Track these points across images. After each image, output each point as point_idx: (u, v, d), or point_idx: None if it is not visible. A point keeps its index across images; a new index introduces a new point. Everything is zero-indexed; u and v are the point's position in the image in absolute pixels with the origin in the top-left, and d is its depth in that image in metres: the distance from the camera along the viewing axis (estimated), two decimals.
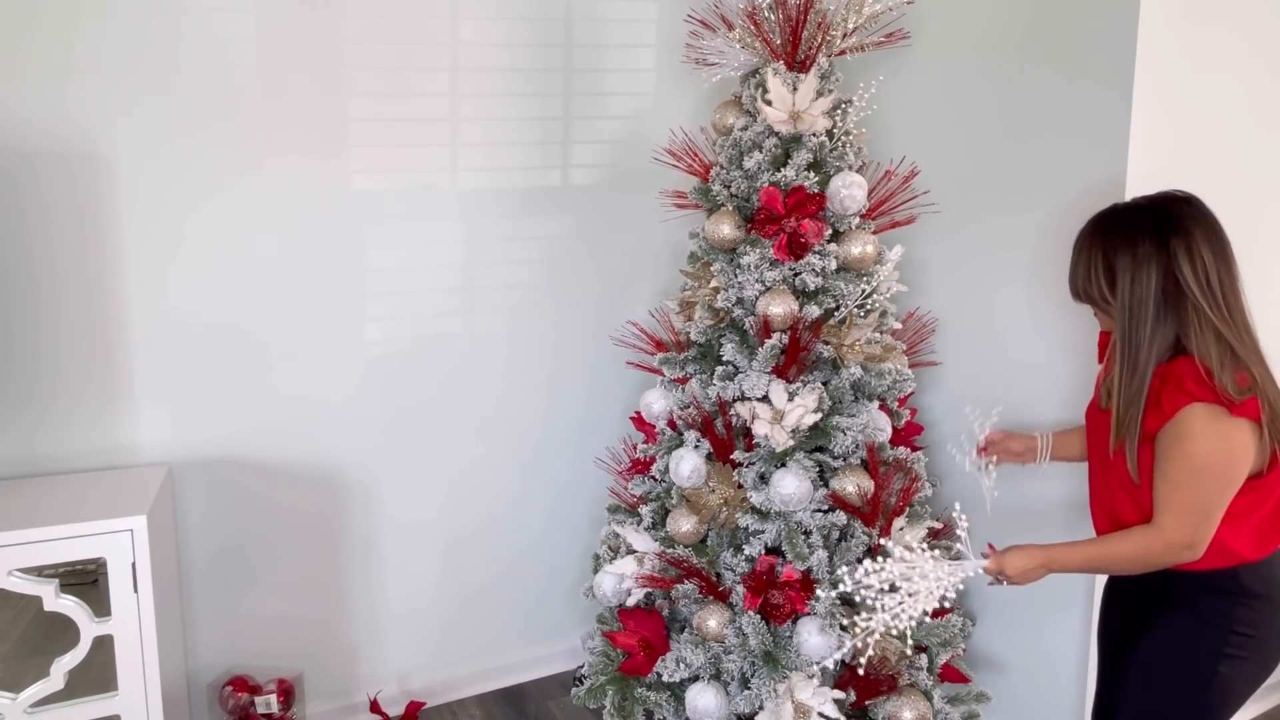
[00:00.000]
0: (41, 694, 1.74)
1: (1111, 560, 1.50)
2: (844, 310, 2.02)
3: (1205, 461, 1.38)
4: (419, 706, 2.51)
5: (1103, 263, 1.47)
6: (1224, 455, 1.38)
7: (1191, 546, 1.42)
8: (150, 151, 2.05)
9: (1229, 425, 1.37)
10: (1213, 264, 1.40)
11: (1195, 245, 1.40)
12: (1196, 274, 1.40)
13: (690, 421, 2.11)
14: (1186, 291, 1.40)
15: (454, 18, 2.32)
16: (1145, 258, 1.42)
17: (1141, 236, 1.43)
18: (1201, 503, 1.40)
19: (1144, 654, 1.57)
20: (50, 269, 2.00)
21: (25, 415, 2.03)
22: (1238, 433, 1.38)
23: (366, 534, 2.44)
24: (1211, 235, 1.42)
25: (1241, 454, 1.39)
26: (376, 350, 2.37)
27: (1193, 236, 1.40)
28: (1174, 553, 1.43)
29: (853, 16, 2.02)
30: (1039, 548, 1.51)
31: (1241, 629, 1.49)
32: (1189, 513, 1.41)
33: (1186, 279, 1.40)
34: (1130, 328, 1.45)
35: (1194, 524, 1.41)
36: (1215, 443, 1.38)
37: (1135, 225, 1.45)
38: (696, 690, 1.97)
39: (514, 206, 2.48)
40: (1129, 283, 1.44)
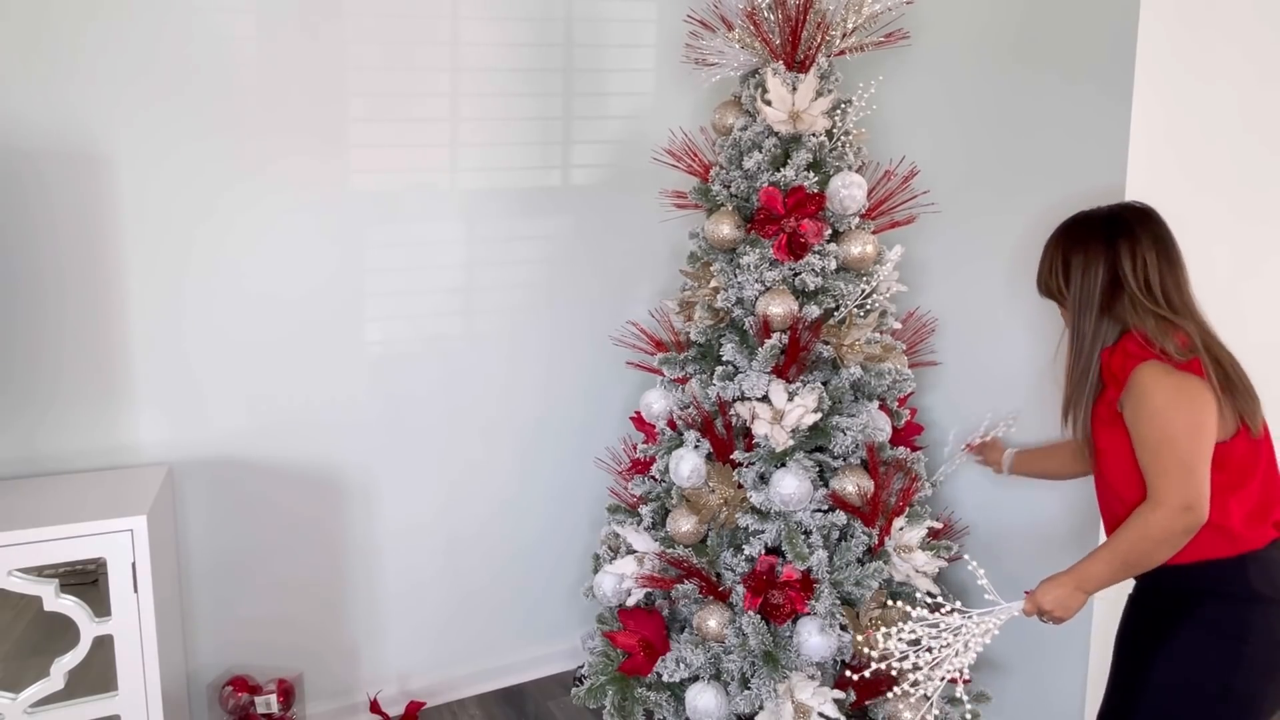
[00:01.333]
0: (41, 694, 1.74)
1: (1128, 552, 1.50)
2: (844, 310, 2.02)
3: (1169, 414, 1.46)
4: (419, 706, 2.51)
5: (1060, 261, 1.63)
6: (1184, 404, 1.46)
7: (1191, 507, 1.44)
8: (151, 152, 2.05)
9: (1179, 377, 1.47)
10: (1154, 264, 1.54)
11: (1139, 247, 1.54)
12: (1135, 271, 1.54)
13: (690, 421, 2.11)
14: (1125, 286, 1.54)
15: (454, 18, 2.32)
16: (1094, 256, 1.57)
17: (1093, 238, 1.59)
18: (1182, 457, 1.44)
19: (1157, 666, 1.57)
20: (52, 269, 2.00)
21: (26, 415, 2.03)
22: (1190, 384, 1.46)
23: (366, 534, 2.44)
24: (1158, 241, 1.55)
25: (1200, 402, 1.46)
26: (377, 350, 2.37)
27: (1137, 239, 1.55)
28: (1176, 516, 1.45)
29: (852, 16, 2.02)
30: (1065, 573, 1.55)
31: (1255, 636, 1.49)
32: (1174, 472, 1.45)
33: (1126, 274, 1.54)
34: (1079, 317, 1.61)
35: (1182, 481, 1.44)
36: (1172, 395, 1.46)
37: (1090, 228, 1.61)
38: (696, 690, 1.97)
39: (514, 206, 2.48)
40: (1080, 278, 1.59)
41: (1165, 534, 1.46)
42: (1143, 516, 1.48)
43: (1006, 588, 2.17)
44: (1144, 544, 1.48)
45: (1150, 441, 1.48)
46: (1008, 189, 2.10)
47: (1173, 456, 1.45)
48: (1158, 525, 1.46)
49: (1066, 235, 1.64)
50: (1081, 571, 1.53)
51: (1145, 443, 1.49)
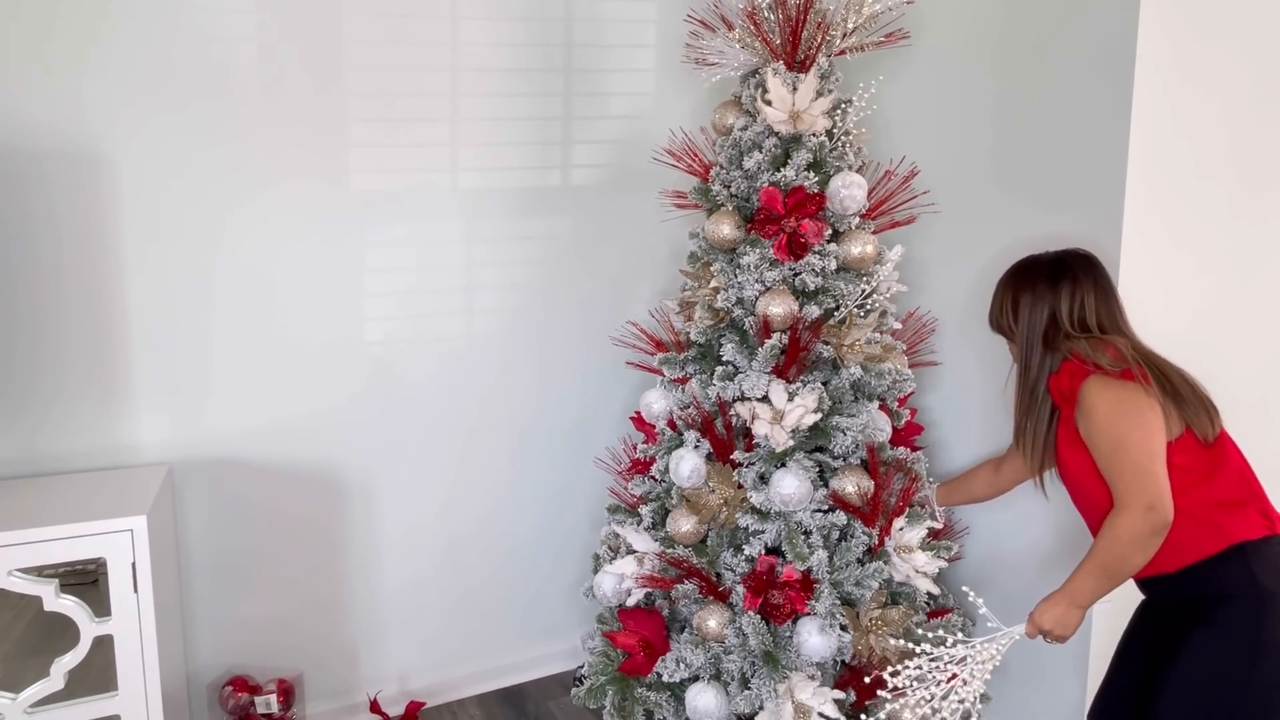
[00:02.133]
0: (41, 694, 1.74)
1: (1106, 561, 1.56)
2: (844, 310, 2.02)
3: (1114, 421, 1.55)
4: (419, 706, 2.51)
5: (1010, 301, 1.75)
6: (1127, 410, 1.54)
7: (1153, 505, 1.50)
8: (152, 152, 2.05)
9: (1119, 385, 1.56)
10: (1091, 304, 1.67)
11: (1078, 289, 1.67)
12: (1073, 312, 1.67)
13: (690, 421, 2.11)
14: (1062, 323, 1.67)
15: (454, 18, 2.32)
16: (1039, 297, 1.70)
17: (1039, 280, 1.71)
18: (1135, 459, 1.52)
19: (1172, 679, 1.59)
20: (52, 268, 2.00)
21: (26, 415, 2.03)
22: (1129, 390, 1.55)
23: (366, 534, 2.44)
24: (1097, 284, 1.68)
25: (1141, 405, 1.54)
26: (377, 350, 2.37)
27: (1078, 282, 1.68)
28: (1141, 517, 1.50)
29: (852, 16, 2.02)
30: (1058, 591, 1.61)
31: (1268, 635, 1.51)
32: (1130, 475, 1.52)
33: (1062, 314, 1.68)
34: (1026, 351, 1.73)
35: (1139, 482, 1.51)
36: (1114, 403, 1.55)
37: (1036, 271, 1.73)
38: (696, 690, 1.97)
39: (514, 206, 2.48)
40: (1027, 315, 1.72)
41: (1133, 536, 1.52)
42: (1110, 523, 1.55)
43: (1007, 586, 2.17)
44: (1117, 548, 1.54)
45: (1104, 450, 1.56)
46: (1008, 189, 2.10)
47: (1126, 460, 1.53)
48: (1125, 529, 1.52)
49: (1015, 277, 1.77)
50: (1071, 587, 1.60)
51: (1100, 452, 1.57)
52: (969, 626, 2.12)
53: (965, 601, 2.29)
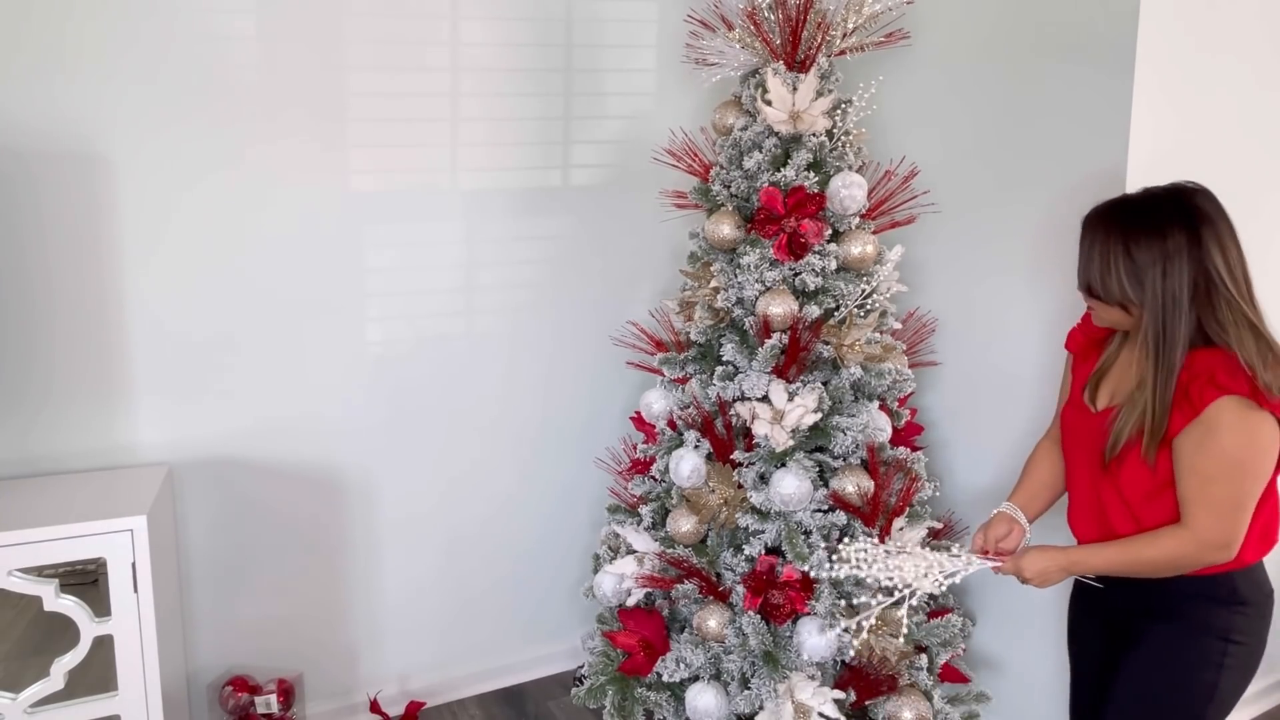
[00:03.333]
0: (41, 694, 1.74)
1: (1141, 564, 1.44)
2: (844, 310, 2.02)
3: (1237, 455, 1.34)
4: (419, 706, 2.51)
5: (1124, 256, 1.39)
6: (1254, 448, 1.35)
7: (1227, 545, 1.37)
8: (149, 151, 2.05)
9: (1259, 418, 1.34)
10: (1237, 257, 1.38)
11: (1224, 237, 1.37)
12: (1230, 265, 1.36)
13: (690, 421, 2.11)
14: (1219, 284, 1.36)
15: (454, 18, 2.32)
16: (1176, 250, 1.36)
17: (1170, 228, 1.37)
18: (1236, 497, 1.36)
19: (1137, 667, 1.53)
20: (50, 269, 2.00)
21: (25, 415, 2.03)
22: (1267, 426, 1.35)
23: (366, 534, 2.44)
24: (1232, 229, 1.40)
25: (1270, 447, 1.36)
26: (377, 350, 2.37)
27: (1219, 228, 1.37)
28: (1209, 552, 1.38)
29: (852, 16, 2.02)
30: (1060, 550, 1.49)
31: (1238, 637, 1.46)
32: (1224, 509, 1.36)
33: (1220, 271, 1.35)
34: (1164, 323, 1.38)
35: (1230, 521, 1.37)
36: (1245, 436, 1.34)
37: (1160, 217, 1.38)
38: (696, 690, 1.97)
39: (514, 206, 2.48)
40: (1160, 276, 1.37)
41: (1189, 563, 1.41)
42: (1176, 539, 1.40)
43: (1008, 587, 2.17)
44: (1164, 564, 1.42)
45: (1206, 473, 1.36)
46: (1008, 189, 2.10)
47: (1226, 494, 1.36)
48: (1188, 555, 1.39)
49: (1127, 226, 1.40)
50: (1079, 557, 1.48)
51: (1198, 471, 1.37)
52: (968, 627, 2.12)
53: (965, 602, 2.29)
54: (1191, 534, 1.39)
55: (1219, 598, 1.46)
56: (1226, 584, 1.46)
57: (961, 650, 2.05)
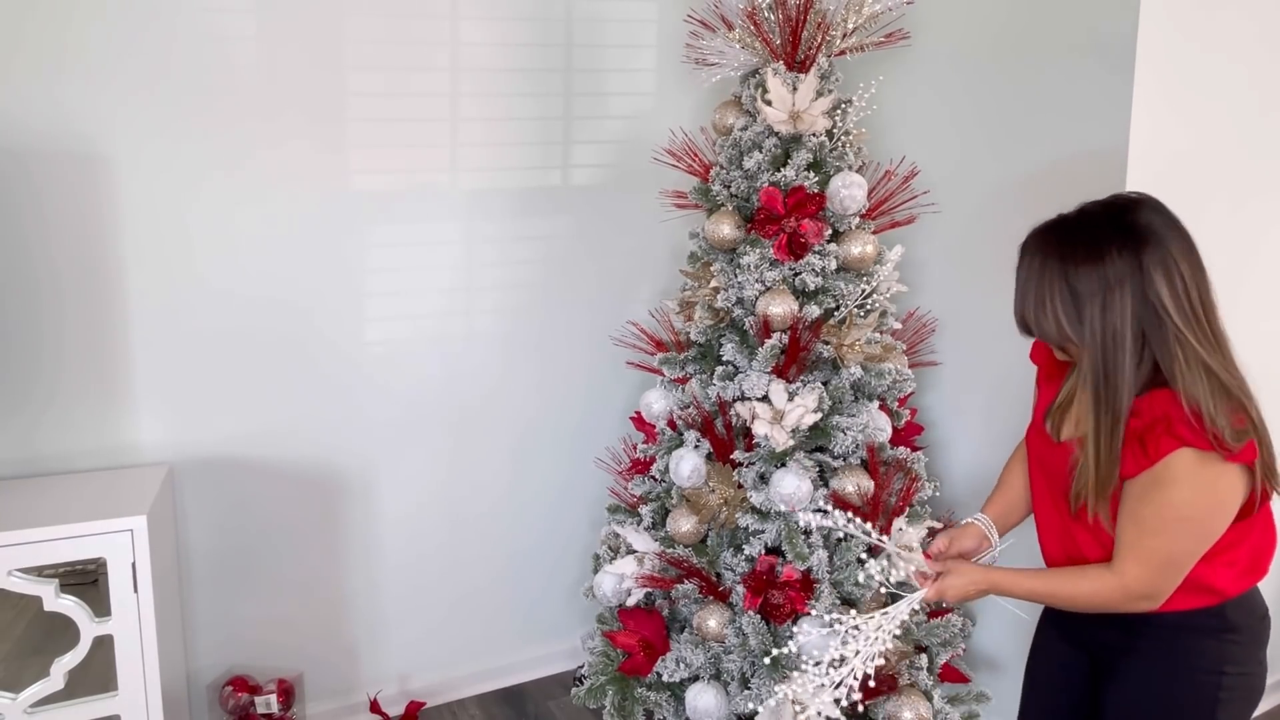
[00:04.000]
0: (41, 694, 1.74)
1: (1064, 598, 1.36)
2: (844, 310, 2.02)
3: (1186, 512, 1.22)
4: (419, 706, 2.51)
5: (1062, 288, 1.24)
6: (1208, 506, 1.22)
7: (1151, 598, 1.28)
8: (150, 152, 2.05)
9: (1218, 472, 1.20)
10: (1192, 280, 1.20)
11: (1171, 260, 1.20)
12: (1177, 295, 1.19)
13: (690, 421, 2.11)
14: (1166, 318, 1.19)
15: (454, 18, 2.32)
16: (1117, 279, 1.20)
17: (1106, 252, 1.21)
18: (1172, 553, 1.25)
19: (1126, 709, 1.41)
20: (50, 269, 2.00)
21: (25, 415, 2.03)
22: (1226, 479, 1.21)
23: (366, 534, 2.44)
24: (1185, 244, 1.22)
25: (1229, 503, 1.23)
26: (377, 350, 2.37)
27: (1167, 248, 1.20)
28: (1131, 602, 1.30)
29: (852, 16, 2.02)
30: (980, 572, 1.40)
31: (1232, 669, 1.36)
32: (1156, 562, 1.26)
33: (1166, 303, 1.19)
34: (1105, 365, 1.23)
35: (1159, 575, 1.26)
36: (1201, 493, 1.21)
37: (1096, 239, 1.22)
38: (696, 690, 1.97)
39: (514, 206, 2.48)
40: (1099, 311, 1.21)
41: (1111, 608, 1.32)
42: (1099, 582, 1.31)
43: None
44: (1083, 604, 1.34)
45: (1147, 524, 1.24)
46: (1008, 189, 2.10)
47: (1164, 549, 1.24)
48: (1110, 600, 1.31)
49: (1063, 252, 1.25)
50: (1000, 580, 1.39)
51: (1141, 520, 1.25)
52: (968, 627, 2.12)
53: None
54: (1118, 580, 1.29)
55: (1207, 629, 1.35)
56: (1215, 615, 1.34)
57: (961, 650, 2.05)
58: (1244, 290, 2.11)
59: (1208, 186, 1.98)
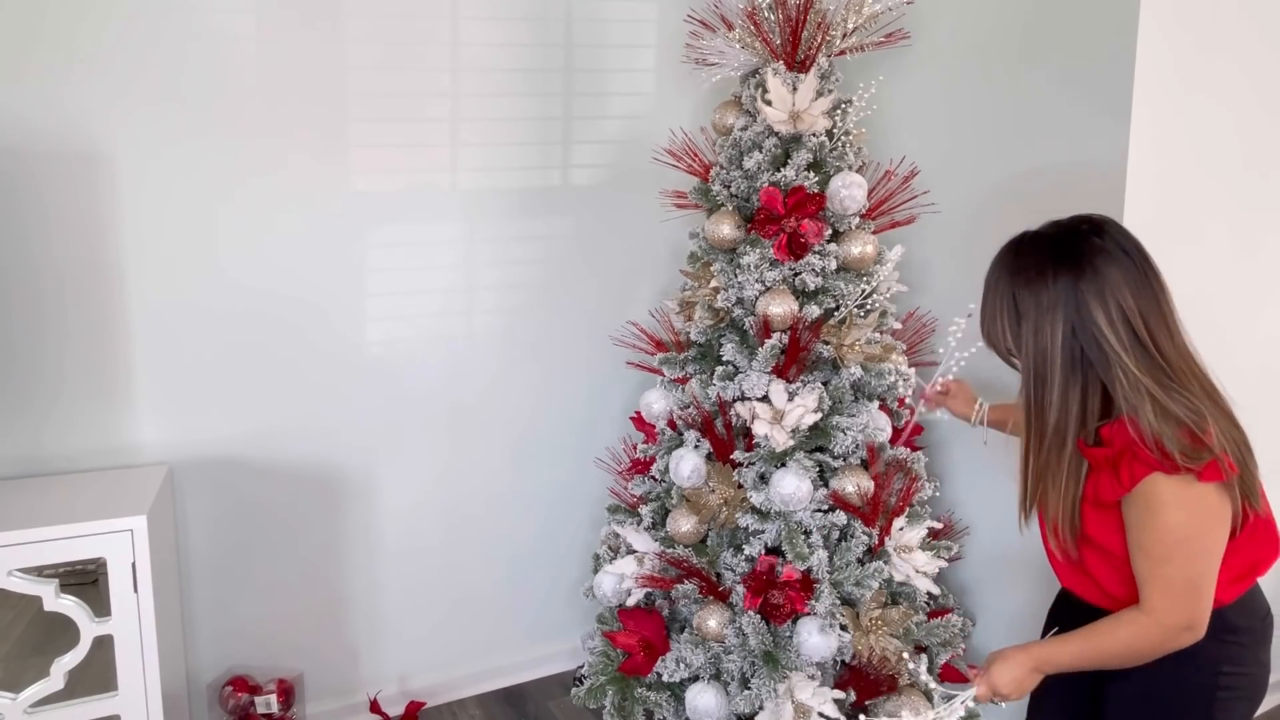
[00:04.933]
0: (41, 694, 1.74)
1: (1108, 656, 1.33)
2: (844, 310, 2.02)
3: (1184, 533, 1.22)
4: (419, 706, 2.51)
5: (1009, 305, 1.27)
6: (1202, 524, 1.23)
7: (1192, 627, 1.27)
8: (151, 152, 2.05)
9: (1199, 492, 1.21)
10: (1134, 306, 1.21)
11: (1108, 288, 1.21)
12: (1113, 323, 1.21)
13: (690, 421, 2.11)
14: (1105, 345, 1.22)
15: (454, 18, 2.32)
16: (1051, 304, 1.23)
17: (1046, 277, 1.23)
18: (1189, 576, 1.24)
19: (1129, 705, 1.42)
20: (51, 269, 2.00)
21: (26, 415, 2.03)
22: (1211, 498, 1.22)
23: (366, 534, 2.44)
24: (1132, 271, 1.23)
25: (1219, 519, 1.24)
26: (377, 350, 2.37)
27: (1104, 278, 1.22)
28: (1174, 636, 1.27)
29: (853, 16, 2.02)
30: (1023, 650, 1.38)
31: (1230, 669, 1.36)
32: (1178, 589, 1.25)
33: (1103, 331, 1.21)
34: (1035, 387, 1.27)
35: (1186, 601, 1.25)
36: (1191, 513, 1.22)
37: (1041, 262, 1.25)
38: (696, 690, 1.97)
39: (514, 207, 2.48)
40: (1032, 333, 1.25)
41: (1157, 650, 1.29)
42: (1135, 626, 1.28)
43: (1007, 588, 2.17)
44: (1131, 656, 1.31)
45: (1156, 552, 1.24)
46: (1008, 188, 2.10)
47: (1181, 575, 1.24)
48: (1152, 642, 1.28)
49: (1014, 270, 1.28)
50: (1044, 655, 1.37)
51: (1150, 552, 1.25)
52: (968, 627, 2.12)
53: (965, 602, 2.29)
54: (1150, 619, 1.27)
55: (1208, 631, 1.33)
56: (1214, 617, 1.32)
57: (961, 650, 2.05)
58: (1243, 293, 2.11)
59: (1208, 186, 1.98)
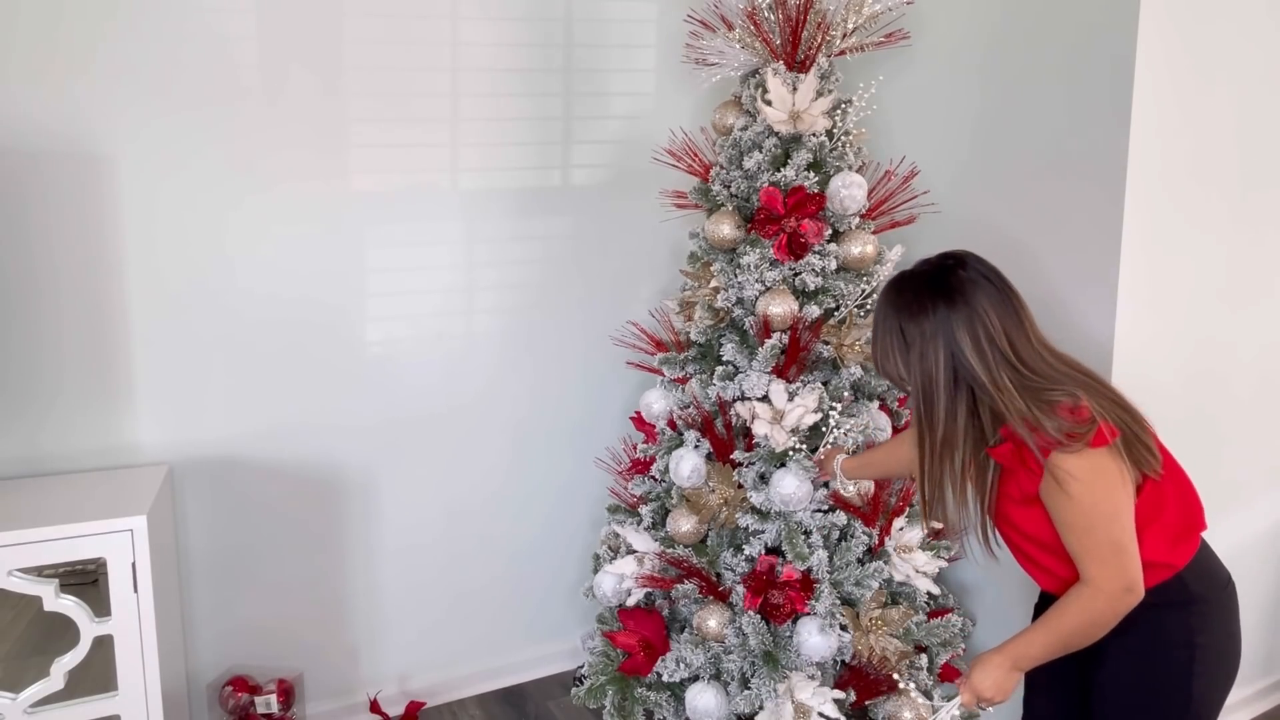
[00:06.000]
0: (41, 694, 1.74)
1: (1070, 635, 1.41)
2: (844, 310, 2.03)
3: (1090, 501, 1.33)
4: (419, 706, 2.51)
5: (897, 337, 1.43)
6: (1106, 486, 1.34)
7: (1130, 588, 1.36)
8: (151, 152, 2.05)
9: (1095, 458, 1.33)
10: (999, 326, 1.38)
11: (975, 314, 1.38)
12: (980, 344, 1.38)
13: (690, 421, 2.11)
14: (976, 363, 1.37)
15: (454, 18, 2.32)
16: (932, 332, 1.39)
17: (925, 309, 1.40)
18: (1112, 538, 1.34)
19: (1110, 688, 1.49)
20: (51, 269, 2.00)
21: (26, 415, 2.03)
22: (1105, 461, 1.34)
23: (366, 534, 2.44)
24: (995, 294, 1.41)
25: (1120, 480, 1.35)
26: (377, 350, 2.37)
27: (972, 305, 1.39)
28: (1118, 599, 1.36)
29: (853, 16, 2.02)
30: (998, 653, 1.47)
31: (1202, 639, 1.43)
32: (1106, 553, 1.35)
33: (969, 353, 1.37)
34: (924, 406, 1.42)
35: (1118, 564, 1.35)
36: (1095, 478, 1.33)
37: (919, 297, 1.42)
38: (696, 690, 1.97)
39: (514, 206, 2.48)
40: (918, 358, 1.41)
41: (1110, 617, 1.38)
42: (1081, 600, 1.38)
43: (1008, 587, 2.17)
44: (1088, 629, 1.39)
45: (1079, 526, 1.36)
46: (1008, 189, 2.10)
47: (1104, 540, 1.35)
48: (1099, 609, 1.37)
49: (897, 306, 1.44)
50: (1016, 651, 1.46)
51: (1072, 526, 1.37)
52: (968, 627, 2.13)
53: (965, 602, 2.29)
54: (1093, 589, 1.37)
55: (1173, 602, 1.43)
56: (1175, 586, 1.43)
57: (961, 650, 2.05)
58: (1243, 285, 2.11)
59: (1208, 186, 1.98)
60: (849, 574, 1.94)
